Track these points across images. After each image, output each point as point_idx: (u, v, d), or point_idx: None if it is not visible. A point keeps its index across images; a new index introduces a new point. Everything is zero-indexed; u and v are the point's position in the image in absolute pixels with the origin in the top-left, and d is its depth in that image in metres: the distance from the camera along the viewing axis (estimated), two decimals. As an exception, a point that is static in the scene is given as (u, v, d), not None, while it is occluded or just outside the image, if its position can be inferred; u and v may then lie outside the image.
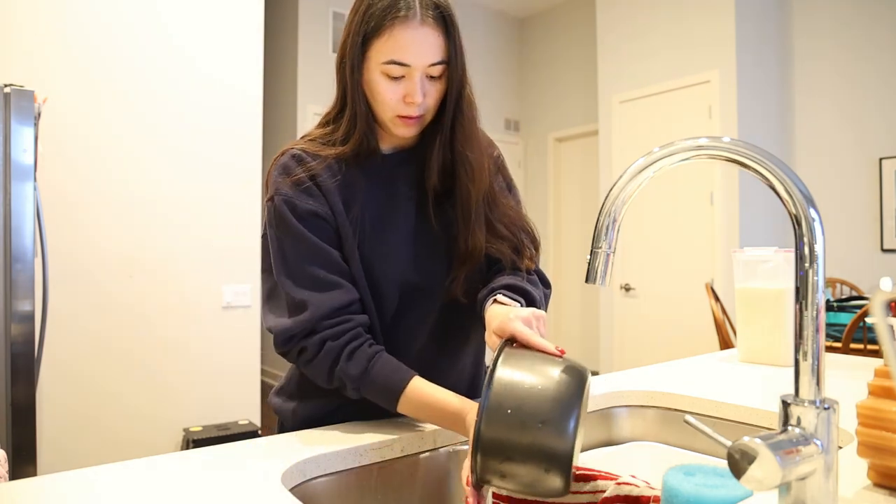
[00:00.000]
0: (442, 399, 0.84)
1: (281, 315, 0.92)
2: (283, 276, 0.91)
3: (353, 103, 0.93)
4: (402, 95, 0.90)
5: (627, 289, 4.22)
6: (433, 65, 0.89)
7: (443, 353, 1.01)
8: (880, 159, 3.54)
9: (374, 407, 0.91)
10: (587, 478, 0.75)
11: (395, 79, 0.89)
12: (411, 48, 0.87)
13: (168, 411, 2.62)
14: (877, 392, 0.63)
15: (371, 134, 0.95)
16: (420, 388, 0.86)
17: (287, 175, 0.93)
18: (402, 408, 0.87)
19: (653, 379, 1.22)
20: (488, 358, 1.13)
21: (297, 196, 0.91)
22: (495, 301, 0.88)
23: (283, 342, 0.90)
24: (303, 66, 4.62)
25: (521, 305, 0.89)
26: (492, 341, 0.80)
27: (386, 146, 1.00)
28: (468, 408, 0.81)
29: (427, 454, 0.89)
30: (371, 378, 0.87)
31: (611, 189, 0.61)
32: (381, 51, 0.88)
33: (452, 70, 0.92)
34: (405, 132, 0.94)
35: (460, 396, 0.84)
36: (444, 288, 0.98)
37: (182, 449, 2.62)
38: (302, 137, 0.99)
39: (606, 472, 0.75)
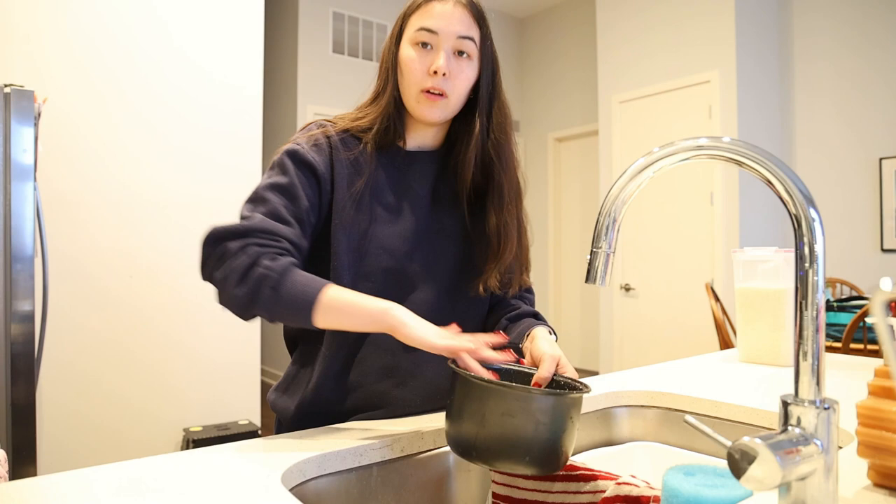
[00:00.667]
0: (365, 297, 0.83)
1: None
2: (248, 201, 0.90)
3: (384, 83, 0.97)
4: (428, 66, 0.92)
5: (627, 289, 4.22)
6: (461, 38, 0.92)
7: (421, 357, 0.97)
8: (880, 159, 3.54)
9: (372, 405, 0.91)
10: (587, 478, 0.75)
11: (424, 48, 0.93)
12: (441, 18, 0.92)
13: (168, 411, 2.62)
14: (877, 392, 0.63)
15: (399, 121, 0.97)
16: (341, 289, 0.83)
17: (306, 133, 0.97)
18: (320, 309, 0.81)
19: (653, 379, 1.22)
20: None
21: (304, 147, 0.93)
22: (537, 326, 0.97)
23: (210, 241, 0.85)
24: (303, 66, 4.62)
25: (552, 332, 0.98)
26: (536, 359, 0.86)
27: (410, 143, 1.02)
28: (393, 304, 0.81)
29: (427, 454, 0.89)
30: (293, 277, 0.81)
31: (611, 189, 0.60)
32: (414, 24, 0.94)
33: (484, 59, 0.96)
34: (429, 113, 0.94)
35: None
36: (472, 283, 1.01)
37: (182, 449, 2.62)
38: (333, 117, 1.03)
39: (606, 472, 0.75)
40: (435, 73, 0.92)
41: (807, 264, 0.54)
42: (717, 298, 2.98)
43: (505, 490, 0.82)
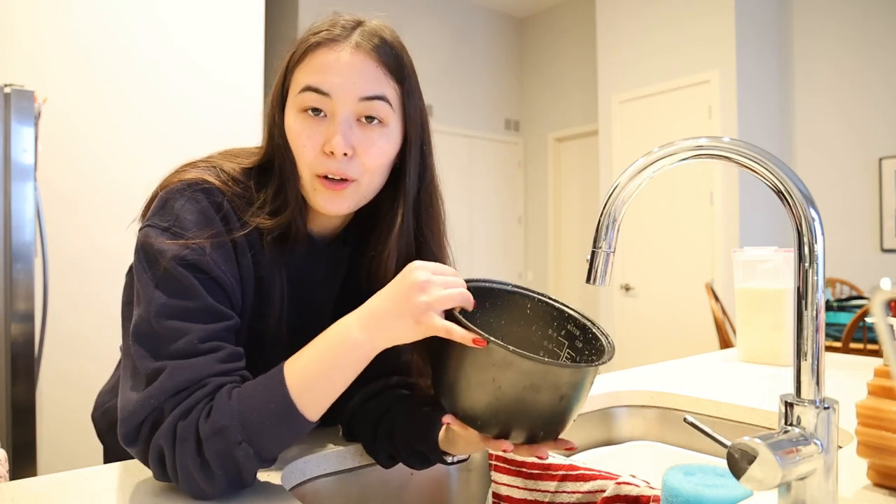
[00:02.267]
0: (318, 343, 0.63)
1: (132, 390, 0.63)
2: (144, 346, 0.63)
3: (281, 168, 0.72)
4: (321, 143, 0.68)
5: (627, 289, 4.22)
6: (367, 99, 0.67)
7: None
8: (880, 159, 3.54)
9: None
10: (587, 478, 0.75)
11: (316, 116, 0.68)
12: (335, 72, 0.67)
13: (168, 411, 2.62)
14: (877, 392, 0.63)
15: (301, 213, 0.73)
16: (294, 358, 0.63)
17: (207, 229, 0.68)
18: (302, 400, 0.61)
19: (653, 379, 1.22)
20: None
21: (212, 259, 0.66)
22: None
23: (129, 440, 0.62)
24: (303, 66, 4.63)
25: None
26: None
27: (312, 226, 0.77)
28: (339, 323, 0.64)
29: (427, 454, 0.89)
30: (247, 405, 0.60)
31: (611, 189, 0.60)
32: (300, 82, 0.69)
33: (410, 123, 0.71)
34: (331, 205, 0.70)
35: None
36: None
37: (182, 449, 2.62)
38: (216, 170, 0.74)
39: (606, 472, 0.75)
40: (332, 153, 0.67)
41: (807, 264, 0.54)
42: (716, 298, 2.98)
43: (505, 490, 0.82)
